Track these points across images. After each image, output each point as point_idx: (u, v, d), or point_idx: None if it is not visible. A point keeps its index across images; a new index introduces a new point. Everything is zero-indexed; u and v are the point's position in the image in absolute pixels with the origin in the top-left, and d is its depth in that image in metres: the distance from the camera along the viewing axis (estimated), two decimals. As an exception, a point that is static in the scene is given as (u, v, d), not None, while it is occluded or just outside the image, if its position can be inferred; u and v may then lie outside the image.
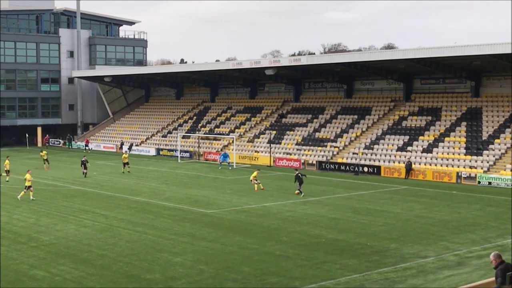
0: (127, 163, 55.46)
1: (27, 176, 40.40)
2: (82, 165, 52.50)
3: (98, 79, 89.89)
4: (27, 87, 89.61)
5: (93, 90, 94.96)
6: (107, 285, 21.83)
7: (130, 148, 75.69)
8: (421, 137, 57.15)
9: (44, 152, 61.19)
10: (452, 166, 51.61)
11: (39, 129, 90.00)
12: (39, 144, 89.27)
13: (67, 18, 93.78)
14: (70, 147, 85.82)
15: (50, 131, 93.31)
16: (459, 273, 23.19)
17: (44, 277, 22.73)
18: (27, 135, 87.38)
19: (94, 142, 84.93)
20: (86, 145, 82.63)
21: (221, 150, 67.83)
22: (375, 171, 54.19)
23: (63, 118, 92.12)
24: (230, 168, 59.46)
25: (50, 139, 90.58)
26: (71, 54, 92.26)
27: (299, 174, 42.44)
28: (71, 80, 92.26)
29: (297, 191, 42.11)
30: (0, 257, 25.55)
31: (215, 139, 72.73)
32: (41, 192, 43.45)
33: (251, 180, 44.86)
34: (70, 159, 69.48)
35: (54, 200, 40.48)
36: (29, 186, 40.12)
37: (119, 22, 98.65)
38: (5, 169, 51.12)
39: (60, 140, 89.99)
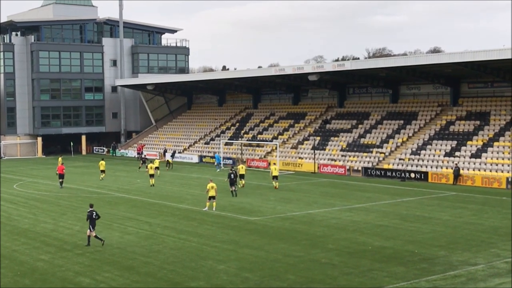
0: (153, 175, 51.73)
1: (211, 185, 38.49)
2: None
3: (141, 87, 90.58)
4: (71, 96, 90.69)
5: (136, 98, 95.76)
6: (152, 293, 21.74)
7: (173, 156, 75.80)
8: (469, 142, 55.98)
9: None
10: (502, 172, 50.40)
11: (83, 137, 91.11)
12: (84, 152, 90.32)
13: (110, 27, 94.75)
14: (114, 154, 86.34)
15: (94, 139, 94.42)
16: (511, 281, 22.62)
17: (90, 284, 22.82)
18: (71, 143, 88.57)
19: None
20: (139, 153, 79.21)
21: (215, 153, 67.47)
22: (422, 177, 53.24)
23: (107, 126, 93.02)
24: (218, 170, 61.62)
25: (94, 147, 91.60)
26: (114, 63, 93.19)
27: (232, 174, 44.80)
28: (114, 88, 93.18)
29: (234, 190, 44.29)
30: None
31: (258, 145, 72.49)
32: (86, 200, 43.71)
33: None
34: (114, 166, 69.95)
35: (98, 207, 40.33)
36: (213, 197, 38.50)
37: (161, 31, 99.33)
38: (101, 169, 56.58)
39: (104, 148, 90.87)
